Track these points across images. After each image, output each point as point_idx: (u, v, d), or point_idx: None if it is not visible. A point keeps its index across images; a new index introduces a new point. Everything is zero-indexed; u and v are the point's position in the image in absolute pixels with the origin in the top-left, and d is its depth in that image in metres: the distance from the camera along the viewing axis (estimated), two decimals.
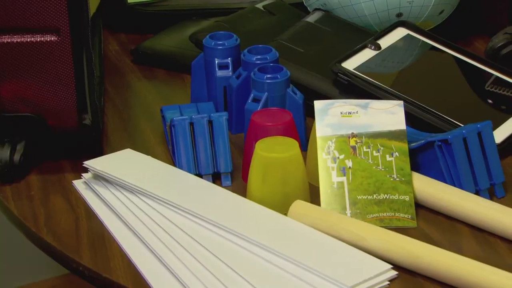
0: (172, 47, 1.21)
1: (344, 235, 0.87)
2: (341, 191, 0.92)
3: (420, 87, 1.06)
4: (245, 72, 1.04)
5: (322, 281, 0.81)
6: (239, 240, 0.86)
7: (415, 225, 0.90)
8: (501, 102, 1.07)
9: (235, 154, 1.02)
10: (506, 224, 0.87)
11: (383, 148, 0.94)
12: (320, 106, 0.96)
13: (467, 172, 0.92)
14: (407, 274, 0.83)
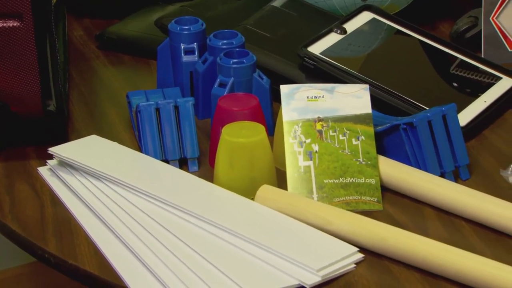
0: (138, 32, 1.20)
1: (310, 218, 0.87)
2: (308, 175, 0.92)
3: (385, 71, 1.07)
4: (211, 57, 1.04)
5: (289, 265, 0.81)
6: (206, 226, 0.86)
7: (381, 208, 0.91)
8: (465, 85, 1.07)
9: (202, 139, 1.02)
10: (470, 206, 0.88)
11: (349, 132, 0.94)
12: (286, 90, 0.96)
13: (432, 155, 0.93)
14: (373, 256, 0.84)
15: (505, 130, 1.02)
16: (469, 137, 1.00)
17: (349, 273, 0.82)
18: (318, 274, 0.80)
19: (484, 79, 1.08)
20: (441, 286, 0.80)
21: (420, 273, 0.82)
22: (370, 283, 0.81)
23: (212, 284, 0.79)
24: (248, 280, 0.79)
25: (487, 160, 0.97)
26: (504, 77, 1.08)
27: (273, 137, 0.98)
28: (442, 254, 0.81)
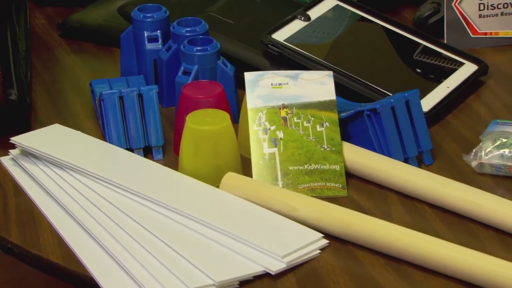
0: (101, 20, 1.19)
1: (275, 205, 0.87)
2: (273, 162, 0.92)
3: (349, 57, 1.07)
4: (175, 45, 1.03)
5: (255, 251, 0.82)
6: (171, 214, 0.86)
7: (345, 194, 0.91)
8: (429, 71, 1.08)
9: (167, 127, 1.01)
10: (433, 191, 0.89)
11: (314, 119, 0.94)
12: (251, 77, 0.96)
13: (396, 141, 0.94)
14: (338, 242, 0.84)
15: (468, 115, 1.03)
16: (432, 123, 1.01)
17: (314, 259, 0.83)
18: (283, 260, 0.81)
19: (447, 64, 1.09)
20: (405, 270, 0.81)
21: (384, 257, 0.82)
22: (335, 268, 0.81)
23: (177, 272, 0.79)
24: (214, 267, 0.79)
25: (450, 145, 0.98)
26: (466, 62, 1.09)
27: (238, 124, 0.98)
28: (405, 239, 0.82)
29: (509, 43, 1.15)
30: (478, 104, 1.05)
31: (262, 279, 0.80)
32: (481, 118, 1.02)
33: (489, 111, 1.04)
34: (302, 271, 0.81)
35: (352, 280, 0.80)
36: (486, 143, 0.93)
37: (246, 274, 0.79)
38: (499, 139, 0.92)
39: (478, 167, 0.93)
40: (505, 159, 0.91)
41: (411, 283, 0.79)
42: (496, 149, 0.92)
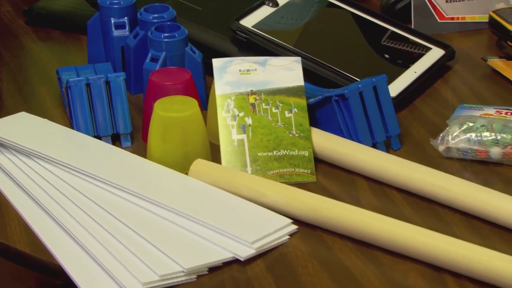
0: (67, 7, 1.18)
1: (244, 192, 0.87)
2: (241, 149, 0.92)
3: (318, 43, 1.07)
4: (142, 32, 1.03)
5: (224, 238, 0.82)
6: (140, 201, 0.86)
7: (314, 179, 0.92)
8: (396, 56, 1.09)
9: (135, 114, 1.01)
10: (401, 176, 0.89)
11: (282, 105, 0.94)
12: (219, 64, 0.95)
13: (364, 126, 0.94)
14: (307, 227, 0.85)
15: (435, 100, 1.04)
16: (400, 108, 1.01)
17: (283, 244, 0.83)
18: (252, 246, 0.81)
19: (414, 50, 1.09)
20: (374, 255, 0.81)
21: (353, 242, 0.83)
22: (304, 253, 0.82)
23: (146, 260, 0.79)
24: (182, 254, 0.79)
25: (417, 129, 0.99)
26: (433, 47, 1.09)
27: (207, 111, 0.98)
28: (374, 223, 0.82)
29: (475, 27, 1.16)
30: (445, 88, 1.06)
31: (231, 265, 0.80)
32: (448, 102, 1.03)
33: (456, 96, 1.04)
34: (271, 257, 0.81)
35: (320, 265, 0.80)
36: (453, 127, 0.94)
37: (215, 261, 0.80)
38: (466, 123, 0.93)
39: (445, 151, 0.93)
40: (472, 143, 0.92)
41: (380, 267, 0.80)
42: (462, 133, 0.93)
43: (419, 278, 0.78)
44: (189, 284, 0.78)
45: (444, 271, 0.79)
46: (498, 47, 1.11)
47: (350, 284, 0.78)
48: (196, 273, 0.79)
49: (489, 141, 0.91)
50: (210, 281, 0.78)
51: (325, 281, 0.78)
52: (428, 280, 0.78)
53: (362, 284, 0.78)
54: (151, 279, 0.77)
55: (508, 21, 1.13)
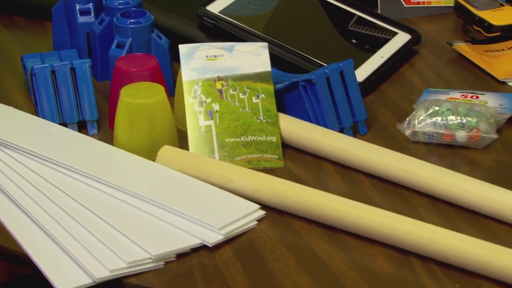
0: None
1: (212, 178, 0.87)
2: (209, 135, 0.92)
3: (285, 28, 1.07)
4: (108, 18, 1.02)
5: (192, 224, 0.82)
6: (106, 188, 0.85)
7: (282, 165, 0.92)
8: (363, 41, 1.09)
9: (101, 101, 1.00)
10: (368, 160, 0.90)
11: (249, 90, 0.94)
12: (185, 50, 0.95)
13: (331, 111, 0.94)
14: (275, 213, 0.85)
15: (401, 85, 1.04)
16: (367, 92, 1.02)
17: (251, 230, 0.83)
18: (220, 232, 0.81)
19: (381, 34, 1.09)
20: (341, 239, 0.82)
21: (320, 227, 0.83)
22: (272, 239, 0.82)
23: (113, 247, 0.78)
24: (150, 241, 0.79)
25: (384, 114, 0.99)
26: (400, 32, 1.10)
27: (174, 97, 0.97)
28: (341, 208, 0.82)
29: (441, 12, 1.17)
30: (412, 73, 1.06)
31: (199, 251, 0.80)
32: (415, 87, 1.04)
33: (422, 80, 1.05)
34: (239, 243, 0.81)
35: (288, 250, 0.80)
36: (419, 111, 0.94)
37: (183, 247, 0.79)
38: (432, 107, 0.94)
39: (412, 136, 0.94)
40: (438, 127, 0.93)
41: (347, 251, 0.80)
42: (428, 117, 0.93)
43: (386, 261, 0.79)
44: (157, 271, 0.78)
45: (410, 254, 0.79)
46: (464, 31, 1.12)
47: (318, 269, 0.78)
48: (164, 259, 0.79)
49: (455, 125, 0.92)
50: (178, 267, 0.78)
51: (292, 266, 0.79)
52: (395, 263, 0.79)
53: (329, 268, 0.78)
54: (119, 266, 0.77)
55: (473, 5, 1.14)
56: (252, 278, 0.77)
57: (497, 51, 1.08)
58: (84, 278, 0.76)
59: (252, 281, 0.77)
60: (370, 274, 0.77)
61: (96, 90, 0.97)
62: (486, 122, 0.92)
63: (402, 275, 0.77)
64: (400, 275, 0.77)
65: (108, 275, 0.76)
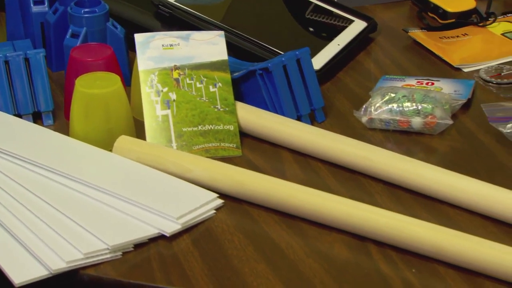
0: None
1: (170, 167, 0.87)
2: (166, 124, 0.92)
3: (241, 17, 1.07)
4: (62, 7, 1.01)
5: (149, 214, 0.81)
6: (62, 179, 0.84)
7: (240, 153, 0.92)
8: (320, 29, 1.09)
9: (57, 92, 0.99)
10: (325, 147, 0.90)
11: (206, 79, 0.94)
12: (141, 39, 0.94)
13: (288, 99, 0.94)
14: (233, 202, 0.85)
15: (358, 72, 1.05)
16: (324, 80, 1.02)
17: (209, 219, 0.83)
18: (178, 222, 0.81)
19: (337, 22, 1.10)
20: (299, 226, 0.82)
21: (278, 215, 0.83)
22: (230, 227, 0.82)
23: (70, 238, 0.78)
24: (107, 231, 0.79)
25: (341, 102, 0.99)
26: (356, 20, 1.10)
27: (130, 87, 0.97)
28: (299, 196, 0.83)
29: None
30: (368, 60, 1.07)
31: (157, 241, 0.80)
32: (371, 74, 1.04)
33: (379, 67, 1.05)
34: (198, 232, 0.81)
35: (246, 238, 0.81)
36: (376, 98, 0.95)
37: (140, 237, 0.79)
38: (388, 94, 0.94)
39: (368, 123, 0.94)
40: (394, 113, 0.93)
41: (305, 238, 0.81)
42: (385, 104, 0.94)
43: (343, 248, 0.79)
44: (115, 261, 0.77)
45: (368, 240, 0.80)
46: (419, 18, 1.13)
47: (276, 257, 0.78)
48: (121, 250, 0.78)
49: (410, 111, 0.93)
50: (135, 257, 0.78)
51: (251, 254, 0.79)
52: (352, 250, 0.79)
53: (287, 256, 0.79)
54: (75, 257, 0.76)
55: None
56: (210, 266, 0.77)
57: (451, 38, 1.09)
58: (40, 270, 0.75)
59: (211, 269, 0.77)
60: (328, 260, 0.78)
61: (51, 81, 0.96)
62: (441, 108, 0.92)
63: (359, 261, 0.78)
64: (357, 261, 0.78)
65: (65, 266, 0.75)
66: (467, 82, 0.99)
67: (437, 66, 1.05)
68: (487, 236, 0.77)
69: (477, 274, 0.75)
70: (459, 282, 0.75)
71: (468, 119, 0.95)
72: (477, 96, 0.99)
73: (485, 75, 1.01)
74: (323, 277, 0.76)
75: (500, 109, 0.93)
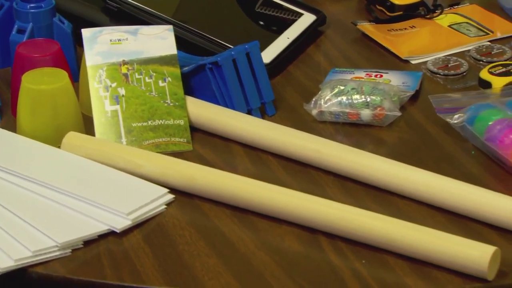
0: None
1: (120, 163, 0.86)
2: (115, 120, 0.91)
3: (190, 11, 1.07)
4: (8, 2, 0.99)
5: (99, 211, 0.81)
6: (10, 177, 0.83)
7: (191, 148, 0.91)
8: (270, 22, 1.09)
9: (4, 88, 0.98)
10: (276, 141, 0.90)
11: (156, 74, 0.93)
12: (88, 34, 0.93)
13: (238, 93, 0.94)
14: (184, 196, 0.85)
15: (308, 65, 1.05)
16: (274, 74, 1.02)
17: (160, 214, 0.82)
18: (128, 217, 0.80)
19: (287, 16, 1.10)
20: (250, 220, 0.82)
21: (229, 209, 0.83)
22: (181, 222, 0.82)
23: (18, 236, 0.77)
24: (56, 228, 0.78)
25: (291, 95, 1.00)
26: (305, 13, 1.10)
27: (78, 83, 0.96)
28: (250, 189, 0.83)
29: None
30: (318, 53, 1.07)
31: (107, 237, 0.79)
32: (321, 67, 1.05)
33: (328, 60, 1.06)
34: (148, 227, 0.81)
35: (198, 233, 0.80)
36: (325, 91, 0.95)
37: (90, 234, 0.78)
38: (337, 87, 0.95)
39: (318, 115, 0.95)
40: (343, 106, 0.94)
41: (256, 232, 0.81)
42: (334, 96, 0.94)
43: (294, 240, 0.80)
44: (64, 259, 0.77)
45: (318, 233, 0.80)
46: (367, 11, 1.14)
47: (227, 250, 0.79)
48: (71, 247, 0.77)
49: (360, 104, 0.93)
50: (85, 254, 0.77)
51: (202, 248, 0.79)
52: (303, 242, 0.79)
53: (239, 249, 0.79)
54: (24, 255, 0.75)
55: None
56: (161, 262, 0.77)
57: (399, 30, 1.10)
58: None
59: (161, 265, 0.77)
60: (279, 253, 0.78)
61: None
62: (389, 100, 0.93)
63: (310, 254, 0.78)
64: (308, 253, 0.78)
65: (13, 264, 0.74)
66: (415, 74, 1.00)
67: (385, 58, 1.05)
68: (435, 225, 0.78)
69: (425, 263, 0.76)
70: (408, 271, 0.76)
71: (416, 111, 0.96)
72: (425, 88, 1.00)
73: (433, 67, 1.02)
74: (274, 270, 0.76)
75: (447, 100, 0.94)
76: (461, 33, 1.09)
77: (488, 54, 1.04)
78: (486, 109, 0.90)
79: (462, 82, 1.01)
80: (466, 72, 1.01)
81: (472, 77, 1.00)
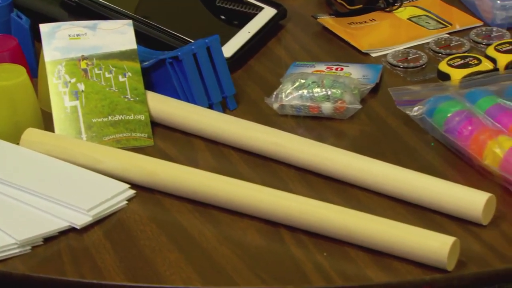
0: None
1: (80, 159, 0.86)
2: (75, 116, 0.90)
3: (150, 5, 1.06)
4: None
5: (59, 207, 0.80)
6: None
7: (152, 143, 0.91)
8: (230, 17, 1.09)
9: None
10: (237, 135, 0.90)
11: (115, 69, 0.93)
12: (47, 29, 0.93)
13: (199, 87, 0.94)
14: (145, 192, 0.84)
15: (269, 59, 1.05)
16: (235, 68, 1.02)
17: (121, 210, 0.82)
18: (89, 214, 0.80)
19: (247, 10, 1.10)
20: (212, 215, 0.82)
21: (191, 203, 0.83)
22: (142, 217, 0.81)
23: None
24: (15, 226, 0.77)
25: (253, 89, 1.00)
26: (266, 7, 1.10)
27: (37, 78, 0.95)
28: (211, 184, 0.83)
29: None
30: (279, 47, 1.07)
31: (67, 234, 0.79)
32: (282, 61, 1.05)
33: (289, 54, 1.06)
34: (109, 223, 0.80)
35: (159, 228, 0.80)
36: (286, 85, 0.95)
37: (50, 231, 0.78)
38: (298, 81, 0.95)
39: (280, 109, 0.95)
40: (304, 99, 0.94)
41: (218, 226, 0.81)
42: (295, 90, 0.94)
43: (256, 234, 0.80)
44: (24, 256, 0.76)
45: (280, 226, 0.80)
46: (328, 4, 1.14)
47: (189, 245, 0.78)
48: (31, 244, 0.77)
49: (320, 97, 0.94)
50: (45, 251, 0.77)
51: (164, 243, 0.78)
52: (265, 236, 0.80)
53: (200, 244, 0.78)
54: None
55: None
56: (122, 258, 0.77)
57: (359, 23, 1.10)
58: None
59: (122, 260, 0.76)
60: (241, 247, 0.78)
61: None
62: (350, 93, 0.94)
63: (272, 247, 0.78)
64: (270, 247, 0.78)
65: None
66: (375, 67, 1.01)
67: (346, 51, 1.06)
68: (396, 217, 0.79)
69: (386, 255, 0.77)
70: (368, 263, 0.76)
71: (377, 103, 0.97)
72: (385, 81, 1.00)
73: (392, 60, 1.03)
74: (236, 264, 0.76)
75: (407, 92, 0.94)
76: (420, 25, 1.10)
77: (447, 47, 1.05)
78: (445, 101, 0.91)
79: (422, 75, 1.01)
80: (425, 65, 1.02)
81: (431, 70, 1.01)
